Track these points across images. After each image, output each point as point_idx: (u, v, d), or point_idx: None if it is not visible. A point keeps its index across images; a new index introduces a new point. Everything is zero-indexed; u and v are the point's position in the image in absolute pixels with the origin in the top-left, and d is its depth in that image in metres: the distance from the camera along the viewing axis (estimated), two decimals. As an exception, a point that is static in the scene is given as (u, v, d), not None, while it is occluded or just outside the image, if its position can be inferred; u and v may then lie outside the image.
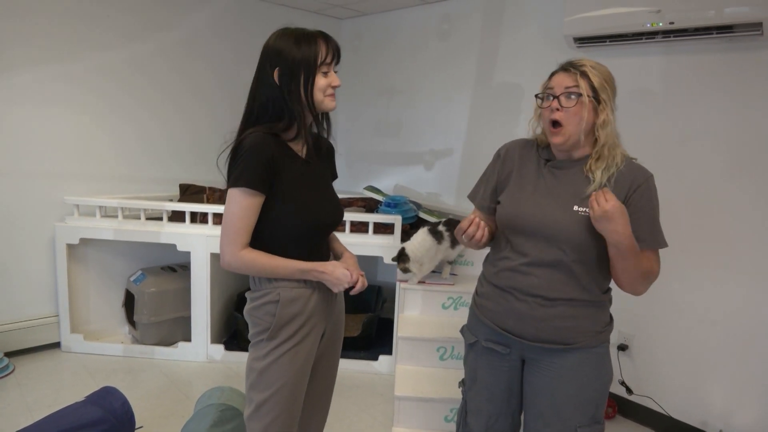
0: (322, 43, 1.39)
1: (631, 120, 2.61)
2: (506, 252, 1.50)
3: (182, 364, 3.13)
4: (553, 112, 1.40)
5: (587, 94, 1.37)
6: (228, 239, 1.37)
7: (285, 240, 1.43)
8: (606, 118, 1.39)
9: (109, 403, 2.13)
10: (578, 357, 1.45)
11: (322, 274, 1.41)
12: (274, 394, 1.41)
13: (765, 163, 2.24)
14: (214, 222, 3.10)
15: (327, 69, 1.41)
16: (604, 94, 1.39)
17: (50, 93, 3.05)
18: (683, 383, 2.53)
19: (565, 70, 1.41)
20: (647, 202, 1.40)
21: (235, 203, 1.36)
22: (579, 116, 1.38)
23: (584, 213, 1.39)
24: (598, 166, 1.40)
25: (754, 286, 2.29)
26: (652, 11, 2.34)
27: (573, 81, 1.38)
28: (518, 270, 1.46)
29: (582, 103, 1.37)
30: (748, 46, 2.25)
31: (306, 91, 1.39)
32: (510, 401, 1.58)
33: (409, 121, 3.86)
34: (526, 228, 1.45)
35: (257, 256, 1.38)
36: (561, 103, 1.39)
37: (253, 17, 3.83)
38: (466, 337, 1.66)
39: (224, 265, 1.39)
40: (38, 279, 3.15)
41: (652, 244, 1.41)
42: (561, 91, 1.39)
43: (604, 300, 1.49)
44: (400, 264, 2.79)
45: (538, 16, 3.01)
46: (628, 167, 1.42)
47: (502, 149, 1.61)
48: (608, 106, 1.40)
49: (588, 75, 1.38)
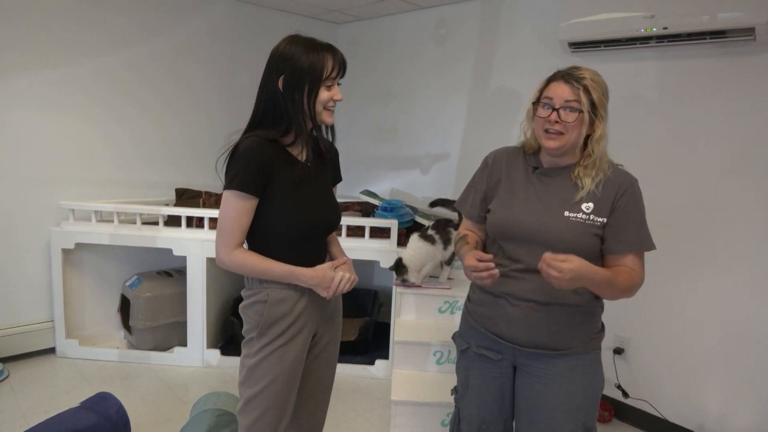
0: (329, 57, 1.40)
1: (625, 125, 2.63)
2: (499, 259, 1.50)
3: (178, 369, 3.12)
4: (552, 124, 1.40)
5: (587, 110, 1.37)
6: (221, 239, 1.41)
7: (280, 241, 1.45)
8: (602, 133, 1.40)
9: (104, 408, 2.12)
10: (570, 364, 1.45)
11: (308, 279, 1.42)
12: (263, 390, 1.45)
13: (759, 167, 2.25)
14: (210, 226, 3.09)
15: (331, 83, 1.43)
16: (602, 110, 1.40)
17: (46, 97, 3.04)
18: (679, 387, 2.54)
19: (566, 81, 1.39)
20: (633, 206, 1.42)
21: (228, 205, 1.39)
22: (578, 131, 1.39)
23: (575, 219, 1.41)
24: (588, 174, 1.42)
25: (751, 289, 2.30)
26: (646, 17, 2.35)
27: (574, 95, 1.37)
28: (511, 275, 1.47)
29: (582, 119, 1.37)
30: (741, 51, 2.27)
31: (308, 102, 1.41)
32: (502, 408, 1.58)
33: (406, 125, 3.87)
34: (518, 234, 1.46)
35: (249, 257, 1.42)
36: (560, 116, 1.38)
37: (249, 22, 3.84)
38: (458, 344, 1.66)
39: (218, 263, 1.44)
40: (33, 284, 3.14)
41: (640, 247, 1.43)
42: (561, 104, 1.38)
43: (597, 306, 1.50)
44: (399, 277, 2.80)
45: (534, 21, 3.03)
46: (614, 173, 1.44)
47: (489, 157, 1.62)
48: (604, 121, 1.40)
49: (589, 90, 1.37)
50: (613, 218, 1.41)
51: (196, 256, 3.07)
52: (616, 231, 1.41)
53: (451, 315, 2.87)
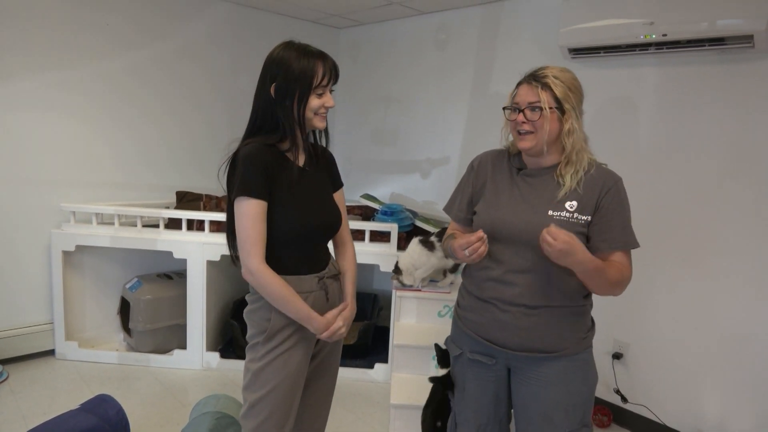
0: (320, 64, 1.41)
1: (625, 130, 2.64)
2: (485, 261, 1.51)
3: (177, 371, 3.12)
4: (520, 124, 1.44)
5: (549, 106, 1.40)
6: (247, 251, 1.40)
7: (279, 246, 1.45)
8: (571, 127, 1.42)
9: (103, 410, 2.12)
10: (563, 364, 1.47)
11: (316, 328, 1.48)
12: (268, 395, 1.45)
13: (757, 173, 2.26)
14: (210, 229, 3.10)
15: (322, 91, 1.44)
16: (568, 104, 1.41)
17: (48, 100, 3.06)
18: (678, 392, 2.54)
19: (528, 82, 1.44)
20: (617, 204, 1.43)
21: (243, 214, 1.39)
22: (546, 127, 1.41)
23: (559, 217, 1.42)
24: (567, 171, 1.44)
25: (749, 295, 2.31)
26: (646, 23, 2.37)
27: (535, 95, 1.41)
28: (499, 279, 1.48)
29: (545, 116, 1.40)
30: (739, 58, 2.28)
31: (298, 109, 1.42)
32: (497, 409, 1.60)
33: (406, 129, 3.88)
34: (503, 234, 1.48)
35: (275, 281, 1.41)
36: (526, 116, 1.42)
37: (250, 26, 3.85)
38: (451, 349, 1.67)
39: (245, 273, 1.43)
40: (33, 286, 3.14)
41: (624, 245, 1.44)
42: (525, 105, 1.43)
43: (586, 305, 1.51)
44: (393, 276, 2.82)
45: (534, 27, 3.04)
46: (598, 172, 1.46)
47: (475, 161, 1.66)
48: (573, 115, 1.42)
49: (550, 86, 1.40)
50: (598, 216, 1.43)
51: (197, 258, 3.08)
52: (601, 229, 1.42)
53: (450, 319, 2.87)
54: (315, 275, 1.52)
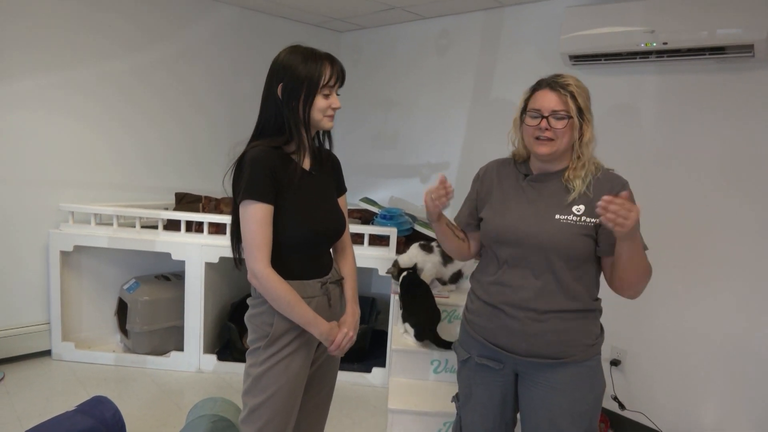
0: (327, 65, 1.43)
1: (624, 137, 2.65)
2: (494, 267, 1.52)
3: (174, 373, 3.11)
4: (542, 131, 1.43)
5: (576, 115, 1.41)
6: (253, 256, 1.39)
7: (284, 250, 1.45)
8: (590, 136, 1.44)
9: (100, 412, 2.11)
10: (571, 371, 1.46)
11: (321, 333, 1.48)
12: (268, 400, 1.45)
13: (756, 181, 2.27)
14: (209, 231, 3.10)
15: (329, 92, 1.45)
16: (588, 113, 1.44)
17: (49, 99, 3.05)
18: (676, 399, 2.54)
19: (553, 89, 1.43)
20: None
21: (249, 218, 1.39)
22: (569, 136, 1.42)
23: (566, 221, 1.43)
24: (578, 175, 1.45)
25: (746, 302, 2.31)
26: (647, 31, 2.38)
27: (562, 103, 1.42)
28: (508, 284, 1.48)
29: (572, 125, 1.41)
30: (739, 67, 2.29)
31: (305, 109, 1.42)
32: (504, 414, 1.60)
33: (406, 134, 3.89)
34: (511, 239, 1.48)
35: (281, 286, 1.41)
36: (550, 123, 1.42)
37: (253, 29, 3.86)
38: (459, 354, 1.67)
39: (251, 277, 1.42)
40: (30, 286, 3.13)
41: None
42: (549, 112, 1.42)
43: (595, 308, 1.51)
44: (391, 268, 2.83)
45: (535, 33, 3.05)
46: (605, 176, 1.48)
47: (481, 171, 1.68)
48: (591, 125, 1.45)
49: (576, 96, 1.41)
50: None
51: (195, 260, 3.07)
52: (610, 232, 1.42)
53: (449, 324, 2.87)
54: (318, 280, 1.52)
